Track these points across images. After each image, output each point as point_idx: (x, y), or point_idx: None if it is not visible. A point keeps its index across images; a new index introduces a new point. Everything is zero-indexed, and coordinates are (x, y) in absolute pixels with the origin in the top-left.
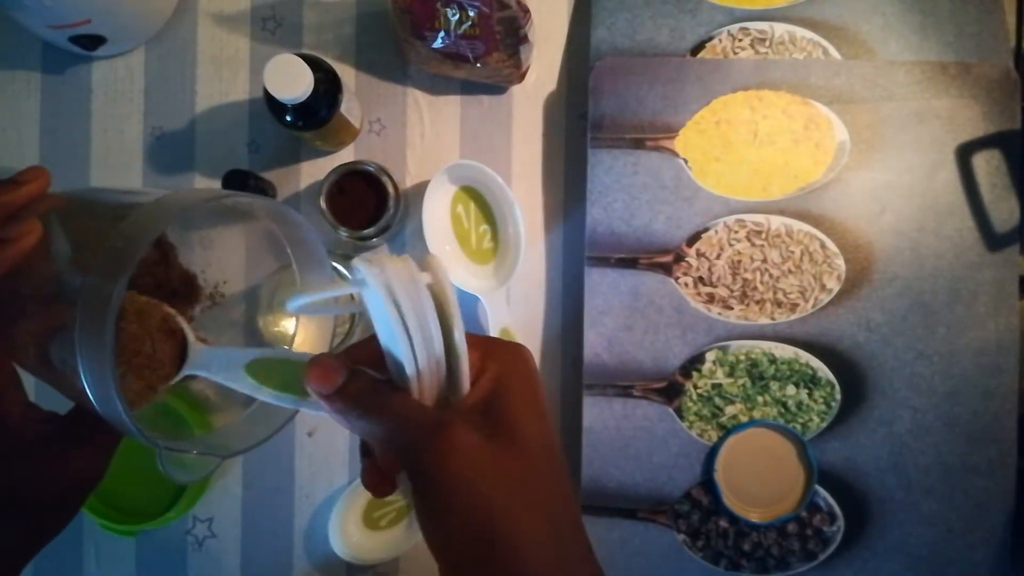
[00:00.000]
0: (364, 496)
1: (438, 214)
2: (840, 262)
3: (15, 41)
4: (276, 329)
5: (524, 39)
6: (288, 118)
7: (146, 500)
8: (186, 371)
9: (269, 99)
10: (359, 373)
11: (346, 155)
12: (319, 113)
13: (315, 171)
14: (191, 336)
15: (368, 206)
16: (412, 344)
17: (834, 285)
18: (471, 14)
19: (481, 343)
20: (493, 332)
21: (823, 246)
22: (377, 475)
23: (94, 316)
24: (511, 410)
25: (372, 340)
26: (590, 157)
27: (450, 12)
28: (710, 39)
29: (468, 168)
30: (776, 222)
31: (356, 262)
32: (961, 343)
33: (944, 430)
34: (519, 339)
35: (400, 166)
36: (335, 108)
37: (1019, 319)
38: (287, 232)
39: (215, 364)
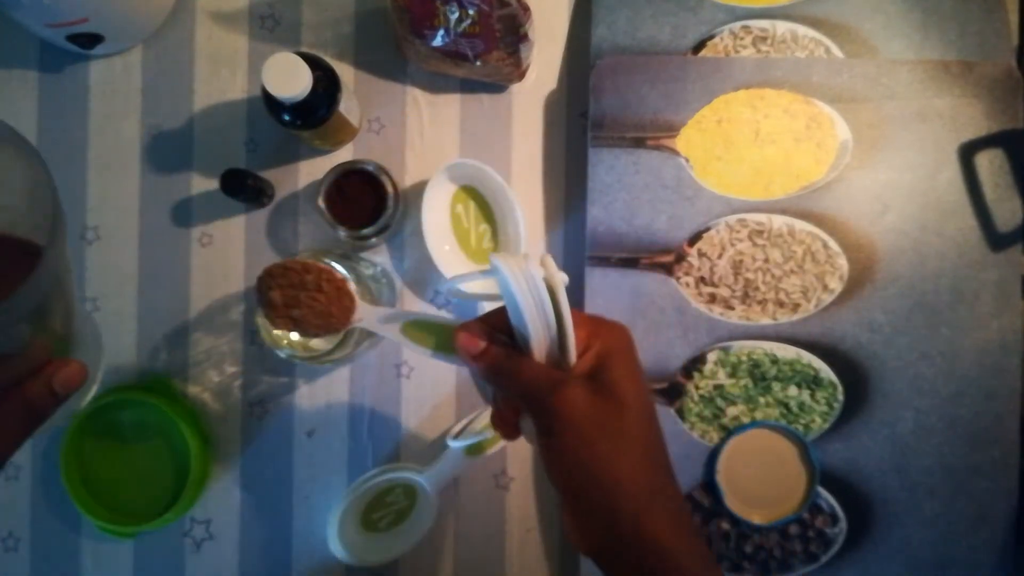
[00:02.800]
0: (363, 498)
1: (438, 213)
2: (842, 262)
3: (12, 40)
4: (275, 331)
5: (524, 37)
6: (286, 117)
7: (144, 502)
8: (355, 324)
9: (267, 98)
10: (496, 339)
11: (345, 154)
12: (318, 112)
13: (313, 170)
14: (357, 297)
15: (367, 206)
16: (535, 323)
17: (836, 285)
18: (471, 12)
19: (589, 323)
20: None
21: (825, 246)
22: (503, 420)
23: None
24: (614, 377)
25: (503, 310)
26: (591, 156)
27: (450, 10)
28: (712, 37)
29: (468, 167)
30: (778, 221)
31: (494, 257)
32: (964, 343)
33: (947, 431)
34: None
35: (399, 165)
36: (334, 107)
37: (1022, 319)
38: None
39: (377, 321)
